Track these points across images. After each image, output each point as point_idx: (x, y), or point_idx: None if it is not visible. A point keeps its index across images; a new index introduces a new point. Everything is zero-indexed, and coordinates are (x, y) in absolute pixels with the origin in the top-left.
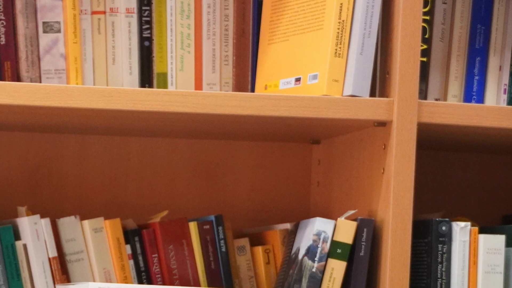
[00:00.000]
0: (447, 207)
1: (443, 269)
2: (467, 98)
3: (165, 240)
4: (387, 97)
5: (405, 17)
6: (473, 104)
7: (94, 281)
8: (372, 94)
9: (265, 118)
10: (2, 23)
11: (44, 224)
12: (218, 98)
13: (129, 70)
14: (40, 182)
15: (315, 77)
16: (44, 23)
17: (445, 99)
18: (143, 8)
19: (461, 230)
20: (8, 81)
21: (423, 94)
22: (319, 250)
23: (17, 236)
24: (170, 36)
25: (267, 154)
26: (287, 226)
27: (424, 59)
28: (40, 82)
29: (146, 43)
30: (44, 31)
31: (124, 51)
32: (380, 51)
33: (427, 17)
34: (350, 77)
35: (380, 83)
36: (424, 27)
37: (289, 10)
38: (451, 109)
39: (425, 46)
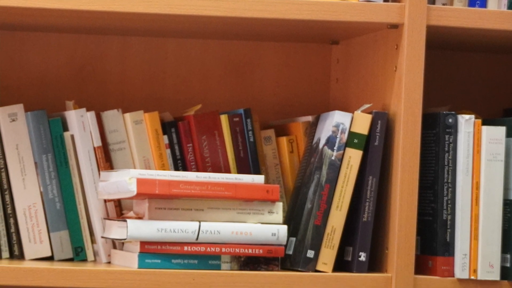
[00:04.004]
0: (453, 101)
1: (450, 157)
2: (471, 3)
3: (198, 131)
4: (399, 2)
5: None
6: (476, 9)
7: (134, 168)
8: None
9: (289, 21)
10: None
11: (90, 116)
12: (247, 3)
13: None
14: (86, 79)
15: None
16: None
17: (451, 3)
18: None
19: (466, 122)
20: None
21: None
22: (337, 140)
23: (65, 128)
24: None
25: (291, 53)
26: (309, 118)
27: None
28: None
29: None
30: None
31: None
32: None
33: None
34: None
35: None
36: None
37: None
38: (457, 13)
39: None
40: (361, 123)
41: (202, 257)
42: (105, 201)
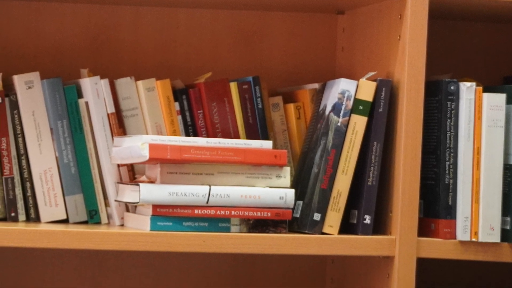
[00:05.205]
0: (455, 69)
1: (452, 124)
2: None
3: (209, 98)
4: None
5: None
6: None
7: (147, 134)
8: None
9: None
10: None
11: (104, 84)
12: None
13: None
14: (100, 47)
15: None
16: None
17: None
18: None
19: (467, 89)
20: None
21: None
22: (343, 106)
23: (80, 95)
24: None
25: (298, 23)
26: (316, 86)
27: None
28: None
29: None
30: None
31: None
32: None
33: None
34: None
35: None
36: None
37: None
38: None
39: None
40: (366, 90)
41: (212, 220)
42: (118, 165)
